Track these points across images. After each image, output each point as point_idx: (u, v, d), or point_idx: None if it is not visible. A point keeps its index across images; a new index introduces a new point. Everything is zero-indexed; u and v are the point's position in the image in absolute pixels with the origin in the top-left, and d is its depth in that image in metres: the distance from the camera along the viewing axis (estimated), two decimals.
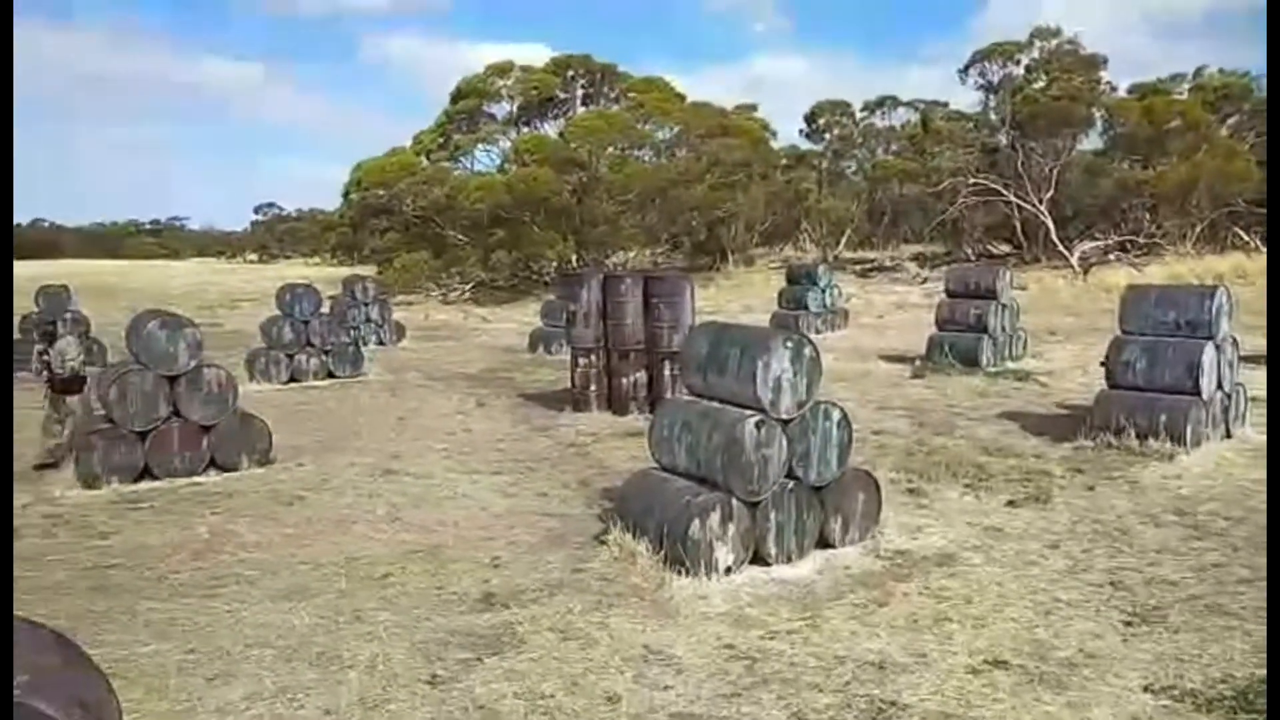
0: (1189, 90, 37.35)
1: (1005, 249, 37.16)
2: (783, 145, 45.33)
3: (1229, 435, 10.36)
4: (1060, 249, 32.52)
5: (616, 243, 38.13)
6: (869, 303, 28.62)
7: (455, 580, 6.58)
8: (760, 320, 20.95)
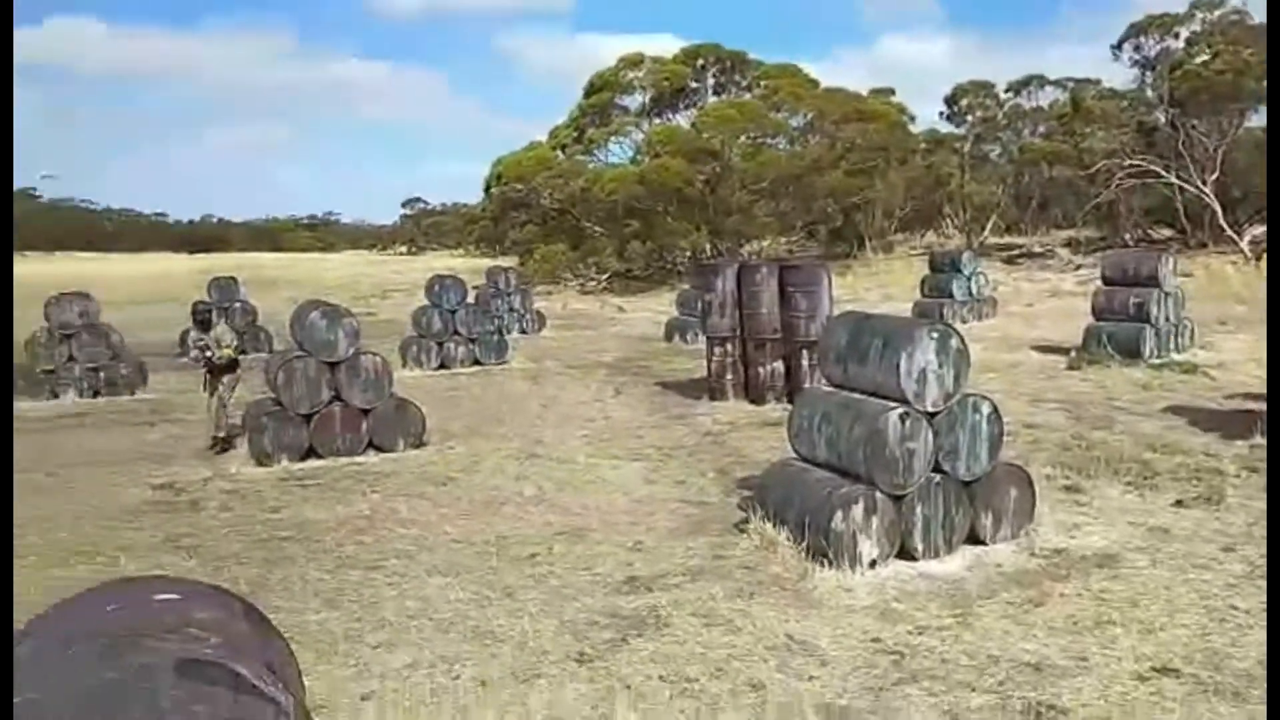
0: None
1: (1166, 234, 34.82)
2: (921, 129, 43.88)
3: None
4: (1229, 233, 30.25)
5: (750, 231, 37.87)
6: (1017, 290, 27.40)
7: (600, 562, 6.74)
8: (901, 310, 20.41)
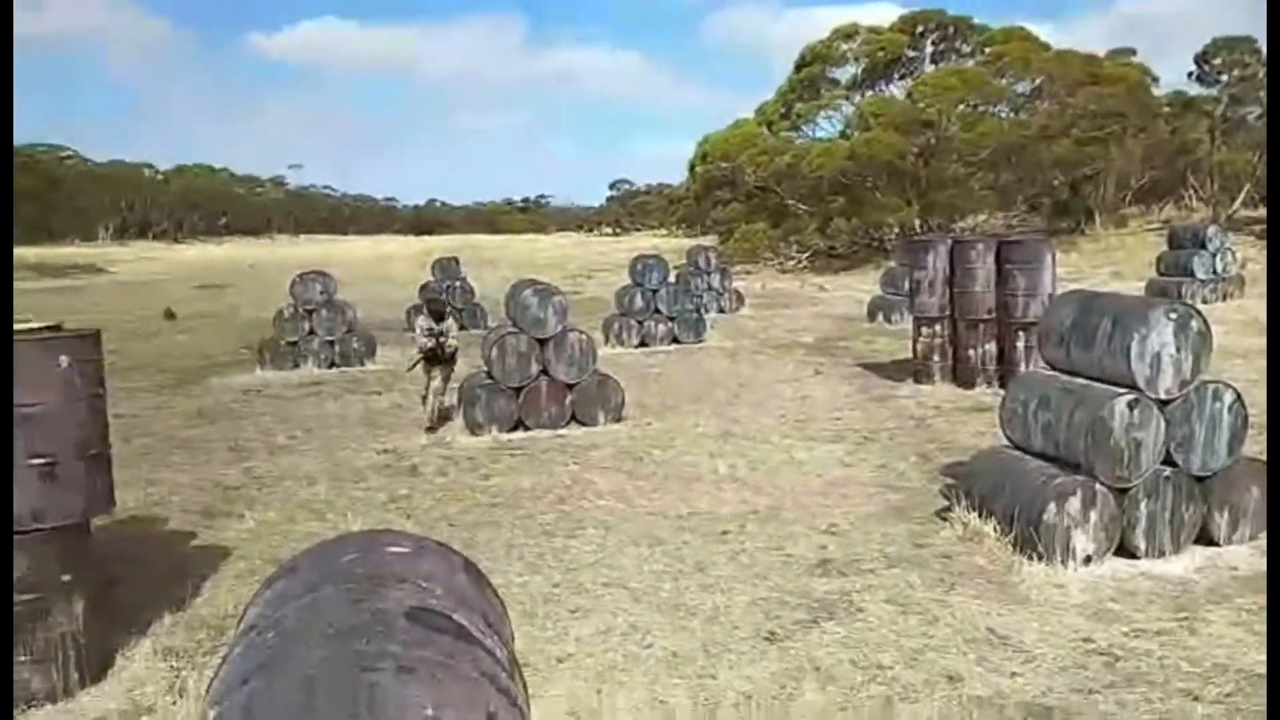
0: None
1: None
2: (1166, 92, 39.95)
3: None
4: None
5: (966, 206, 36.01)
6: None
7: (792, 543, 6.71)
8: (1131, 289, 18.80)
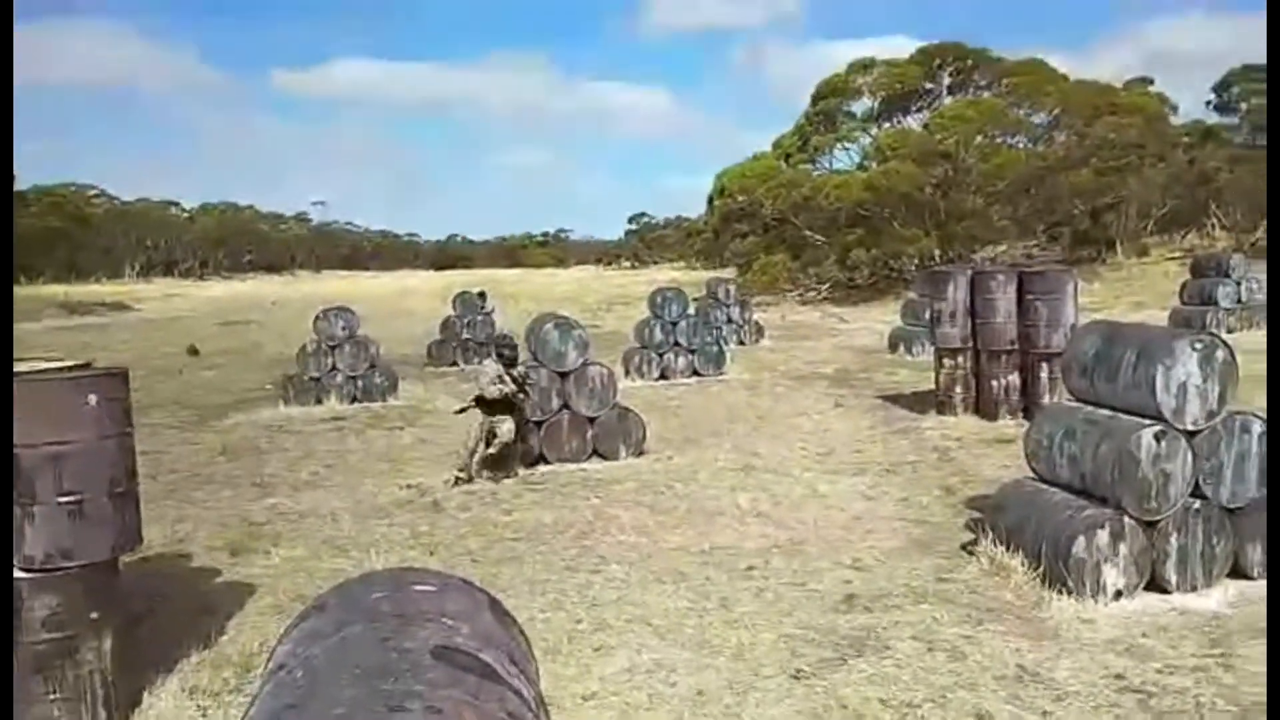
0: None
1: None
2: (1184, 121, 39.93)
3: None
4: None
5: (985, 236, 35.96)
6: None
7: (816, 578, 6.65)
8: (1155, 319, 18.67)
